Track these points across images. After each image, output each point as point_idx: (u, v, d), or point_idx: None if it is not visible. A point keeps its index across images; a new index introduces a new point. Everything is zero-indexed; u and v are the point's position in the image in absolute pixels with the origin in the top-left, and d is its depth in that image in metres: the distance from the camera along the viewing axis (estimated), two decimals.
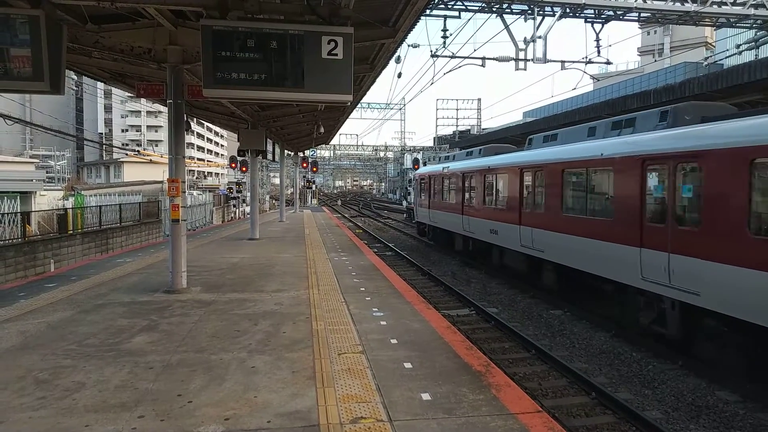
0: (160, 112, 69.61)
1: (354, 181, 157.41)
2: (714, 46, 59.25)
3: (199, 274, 10.40)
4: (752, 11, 17.55)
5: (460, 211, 17.33)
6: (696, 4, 17.40)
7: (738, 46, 21.89)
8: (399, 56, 22.90)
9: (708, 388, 7.20)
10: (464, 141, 41.72)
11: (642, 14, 18.30)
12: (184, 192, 8.86)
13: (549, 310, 11.53)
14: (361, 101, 22.92)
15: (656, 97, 14.26)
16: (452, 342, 6.07)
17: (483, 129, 58.70)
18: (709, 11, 17.54)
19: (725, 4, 17.58)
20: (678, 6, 17.60)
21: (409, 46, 23.93)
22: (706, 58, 47.48)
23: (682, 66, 45.55)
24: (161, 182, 35.00)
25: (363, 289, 9.14)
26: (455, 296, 12.74)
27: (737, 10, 17.57)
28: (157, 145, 75.40)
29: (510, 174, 13.67)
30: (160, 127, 77.27)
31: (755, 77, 10.90)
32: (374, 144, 76.23)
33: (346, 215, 45.20)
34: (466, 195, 17.10)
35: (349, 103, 8.14)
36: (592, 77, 43.58)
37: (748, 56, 22.26)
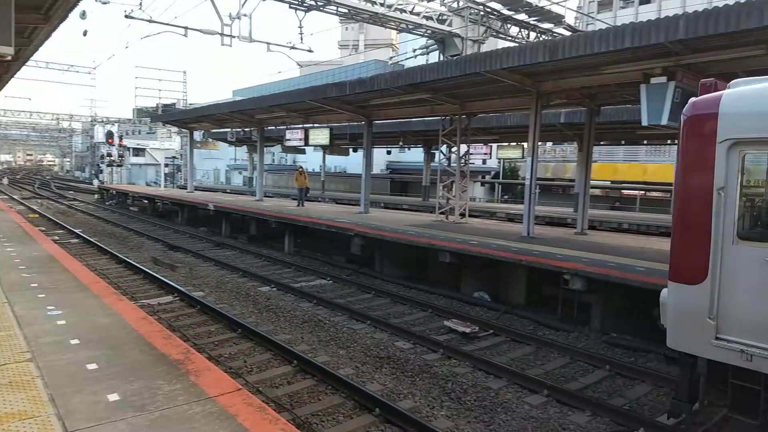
0: None
1: (28, 155, 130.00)
2: (398, 48, 68.73)
3: None
4: (424, 21, 20.89)
5: None
6: (383, 8, 19.78)
7: (414, 50, 25.94)
8: (84, 11, 19.67)
9: (389, 341, 8.44)
10: (169, 115, 38.69)
11: (340, 9, 19.82)
12: None
13: (257, 287, 11.75)
14: (37, 59, 18.99)
15: (351, 88, 15.80)
16: (148, 334, 5.56)
17: (190, 104, 55.62)
18: (393, 16, 20.17)
19: (405, 11, 20.47)
20: (369, 6, 19.70)
21: (97, 0, 20.53)
22: (391, 58, 54.84)
23: (373, 62, 51.63)
24: None
25: (35, 284, 7.61)
26: (157, 283, 11.81)
27: (414, 18, 20.66)
28: None
29: None
30: None
31: (426, 78, 13.10)
32: (55, 112, 64.97)
33: (15, 197, 37.30)
34: None
35: (10, 57, 6.60)
36: (299, 63, 45.77)
37: (422, 60, 26.45)
